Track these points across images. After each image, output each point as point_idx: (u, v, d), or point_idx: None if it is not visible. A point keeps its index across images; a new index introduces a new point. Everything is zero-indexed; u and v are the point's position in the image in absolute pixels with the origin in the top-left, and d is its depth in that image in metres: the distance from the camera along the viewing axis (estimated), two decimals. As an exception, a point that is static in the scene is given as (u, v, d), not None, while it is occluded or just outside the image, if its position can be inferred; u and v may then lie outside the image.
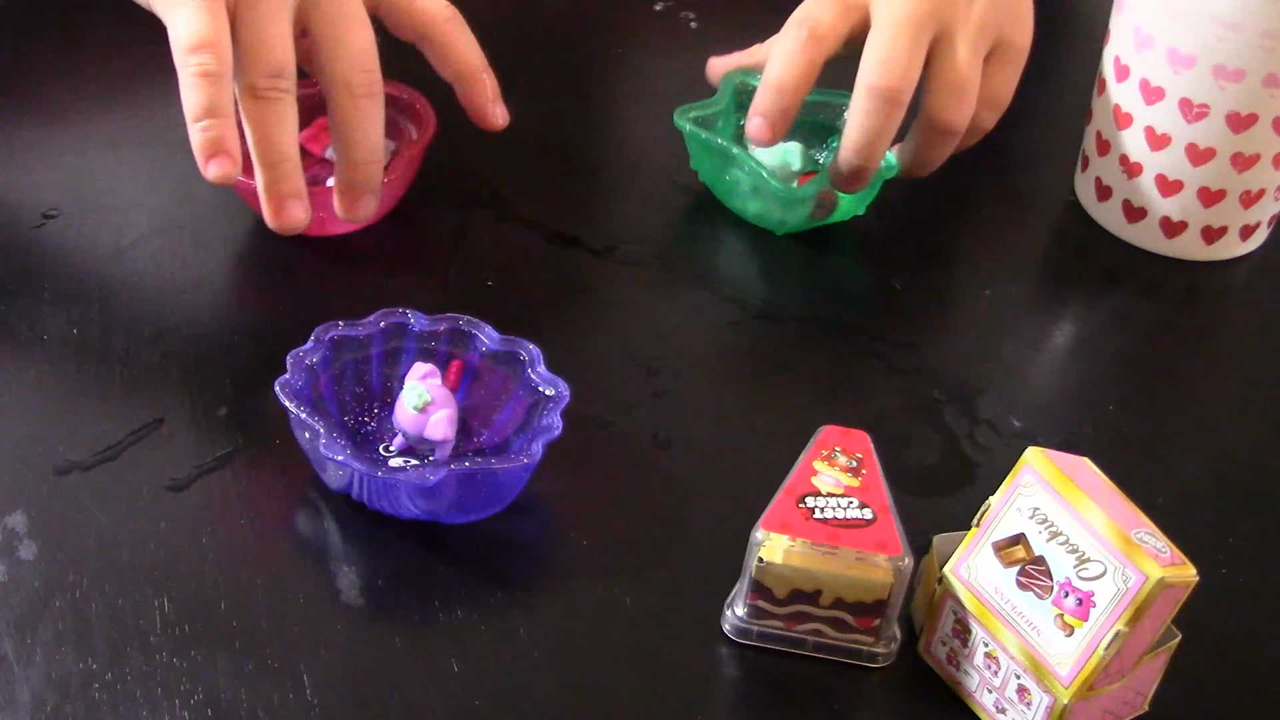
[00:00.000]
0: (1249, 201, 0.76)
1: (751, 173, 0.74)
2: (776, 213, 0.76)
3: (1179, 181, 0.75)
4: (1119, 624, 0.51)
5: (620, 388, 0.68)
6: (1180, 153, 0.75)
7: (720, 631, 0.58)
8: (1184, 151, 0.74)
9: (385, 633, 0.57)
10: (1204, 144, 0.74)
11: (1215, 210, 0.76)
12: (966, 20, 0.72)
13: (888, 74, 0.70)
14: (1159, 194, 0.76)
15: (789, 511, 0.56)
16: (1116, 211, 0.79)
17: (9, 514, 0.60)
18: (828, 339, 0.72)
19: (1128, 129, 0.76)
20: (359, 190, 0.68)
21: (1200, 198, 0.76)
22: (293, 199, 0.65)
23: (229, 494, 0.61)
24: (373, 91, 0.67)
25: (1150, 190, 0.77)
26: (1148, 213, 0.77)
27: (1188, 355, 0.76)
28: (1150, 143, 0.75)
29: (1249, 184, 0.75)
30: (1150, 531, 0.52)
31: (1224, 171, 0.75)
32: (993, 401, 0.69)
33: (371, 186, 0.68)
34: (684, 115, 0.76)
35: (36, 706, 0.53)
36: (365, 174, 0.67)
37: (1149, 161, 0.76)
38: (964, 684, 0.56)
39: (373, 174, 0.67)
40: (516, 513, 0.62)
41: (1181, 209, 0.76)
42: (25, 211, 0.76)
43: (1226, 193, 0.75)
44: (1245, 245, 0.79)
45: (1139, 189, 0.77)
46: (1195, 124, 0.73)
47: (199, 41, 0.62)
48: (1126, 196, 0.78)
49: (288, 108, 0.64)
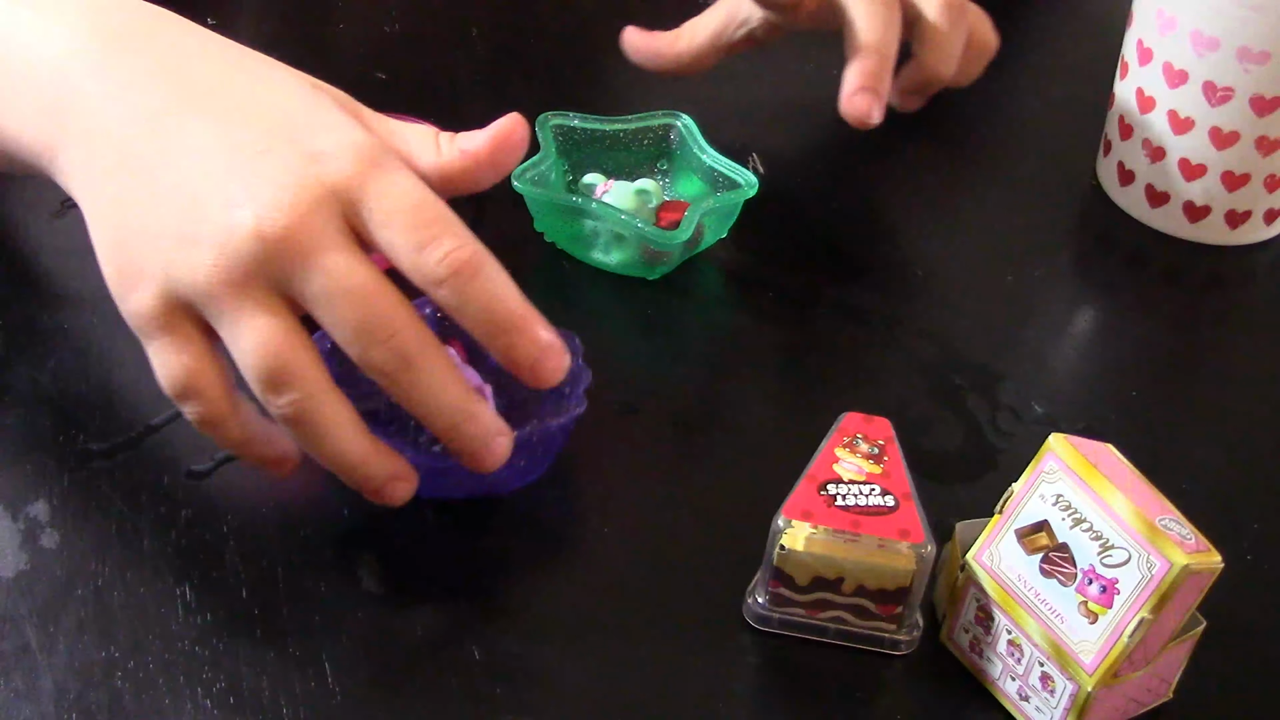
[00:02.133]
0: (1274, 185, 0.75)
1: (616, 224, 0.70)
2: (647, 258, 0.71)
3: (1202, 165, 0.75)
4: (1143, 611, 0.51)
5: (640, 374, 0.68)
6: (1204, 136, 0.74)
7: (741, 619, 0.57)
8: (1208, 135, 0.74)
9: (406, 620, 0.57)
10: (1228, 128, 0.73)
11: (1239, 194, 0.76)
12: None
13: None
14: (1182, 178, 0.76)
15: (811, 499, 0.55)
16: (1139, 196, 0.78)
17: (31, 503, 0.60)
18: (849, 325, 0.72)
19: (1150, 113, 0.76)
20: (472, 446, 0.54)
21: (1224, 182, 0.75)
22: (388, 484, 0.54)
23: (249, 483, 0.61)
24: (421, 352, 0.52)
25: (1174, 174, 0.76)
26: (1171, 197, 0.77)
27: (1212, 341, 0.76)
28: (1174, 126, 0.75)
29: (1274, 168, 0.75)
30: (1175, 518, 0.51)
31: (1248, 155, 0.74)
32: (1015, 388, 0.69)
33: (477, 440, 0.54)
34: (522, 178, 0.71)
35: (59, 695, 0.53)
36: (462, 435, 0.54)
37: (1172, 145, 0.75)
38: (987, 671, 0.56)
39: (467, 430, 0.53)
40: (537, 499, 0.62)
41: (1205, 193, 0.76)
42: (45, 199, 0.76)
43: (1250, 177, 0.75)
44: (1270, 229, 0.78)
45: (1162, 173, 0.77)
46: (1219, 107, 0.73)
47: (177, 390, 0.53)
48: (1149, 181, 0.77)
49: (324, 411, 0.52)
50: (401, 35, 0.90)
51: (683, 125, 0.76)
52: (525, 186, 0.71)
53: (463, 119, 0.77)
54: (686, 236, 0.69)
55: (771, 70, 0.89)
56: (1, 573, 0.57)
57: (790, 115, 0.85)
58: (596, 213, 0.71)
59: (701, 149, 0.75)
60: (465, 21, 0.90)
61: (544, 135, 0.74)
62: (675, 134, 0.76)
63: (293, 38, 0.90)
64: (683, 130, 0.76)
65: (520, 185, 0.71)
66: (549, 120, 0.75)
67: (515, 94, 0.84)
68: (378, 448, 0.53)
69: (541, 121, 0.75)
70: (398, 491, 0.54)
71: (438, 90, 0.85)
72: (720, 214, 0.72)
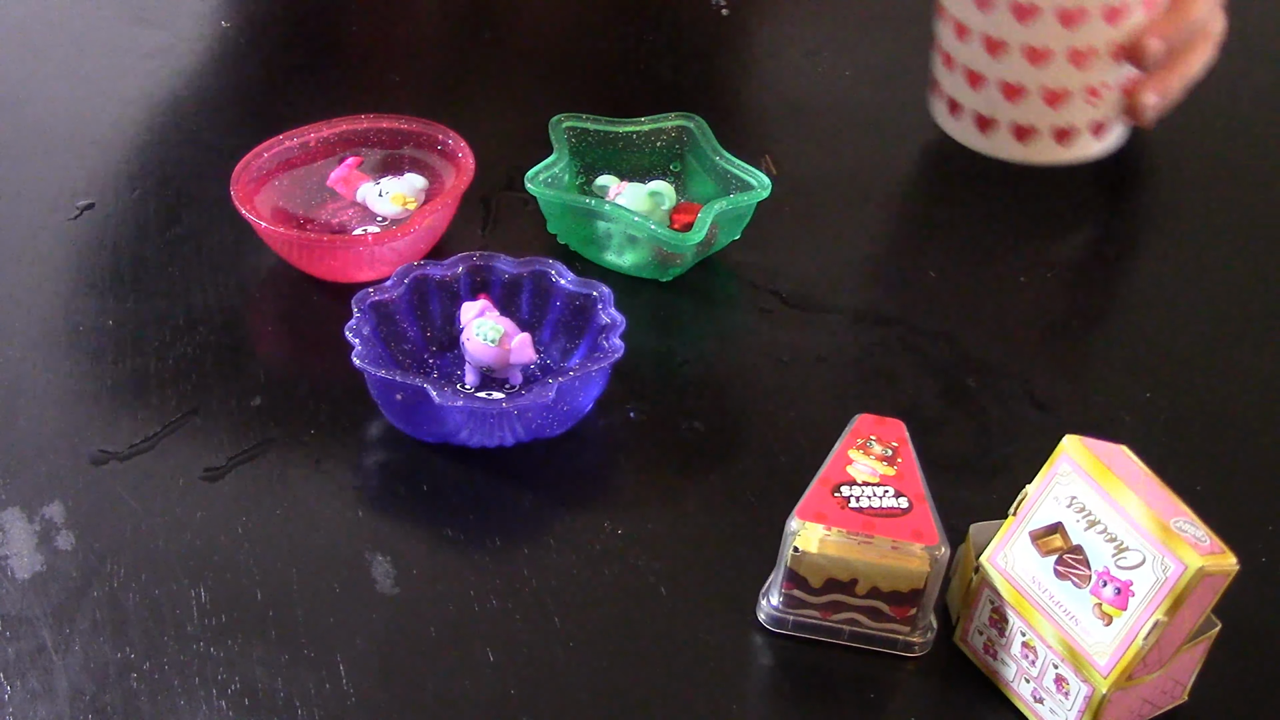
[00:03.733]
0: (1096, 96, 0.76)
1: (629, 226, 0.70)
2: (659, 260, 0.72)
3: (1021, 86, 0.76)
4: (1158, 613, 0.50)
5: (653, 375, 0.68)
6: (1019, 56, 0.75)
7: (755, 621, 0.57)
8: (1021, 54, 0.75)
9: (420, 622, 0.57)
10: (1040, 44, 0.74)
11: (1062, 111, 0.77)
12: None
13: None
14: (1005, 101, 0.77)
15: (824, 501, 0.55)
16: (969, 124, 0.79)
17: (46, 504, 0.60)
18: (862, 327, 0.72)
19: (966, 40, 0.76)
20: None
21: (1045, 100, 0.76)
22: None
23: (264, 484, 0.62)
24: None
25: (996, 98, 0.77)
26: (998, 122, 0.78)
27: (1228, 345, 0.76)
28: (989, 50, 0.75)
29: (1090, 80, 0.76)
30: (1189, 520, 0.51)
31: (1064, 70, 0.75)
32: (1029, 389, 0.69)
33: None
34: (535, 180, 0.72)
35: (74, 695, 0.53)
36: None
37: (990, 69, 0.76)
38: (1001, 673, 0.56)
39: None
40: (550, 501, 0.62)
41: (1027, 113, 0.77)
42: (61, 203, 0.76)
43: (1070, 91, 0.76)
44: (1100, 143, 0.79)
45: (986, 99, 0.77)
46: (1028, 25, 0.74)
47: None
48: (976, 109, 0.78)
49: None
50: (415, 38, 0.90)
51: (696, 127, 0.76)
52: (538, 189, 0.71)
53: (476, 121, 0.78)
54: (699, 238, 0.69)
55: (784, 72, 0.89)
56: (17, 574, 0.57)
57: (803, 117, 0.85)
58: (609, 215, 0.71)
59: (715, 151, 0.75)
60: (479, 24, 0.90)
61: (557, 137, 0.74)
62: (688, 136, 0.76)
63: (307, 41, 0.90)
64: (696, 132, 0.76)
65: (533, 187, 0.71)
66: (562, 122, 0.75)
67: (529, 96, 0.84)
68: None
69: (555, 123, 0.75)
70: None
71: (451, 92, 0.85)
72: (733, 216, 0.72)
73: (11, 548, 0.58)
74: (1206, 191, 0.83)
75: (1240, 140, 0.87)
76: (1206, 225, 0.82)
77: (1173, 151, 0.84)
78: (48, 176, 0.78)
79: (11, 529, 0.59)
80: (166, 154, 0.80)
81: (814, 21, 0.92)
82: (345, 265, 0.70)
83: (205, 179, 0.77)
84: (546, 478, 0.63)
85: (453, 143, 0.74)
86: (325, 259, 0.70)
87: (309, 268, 0.71)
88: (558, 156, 0.73)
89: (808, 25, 0.90)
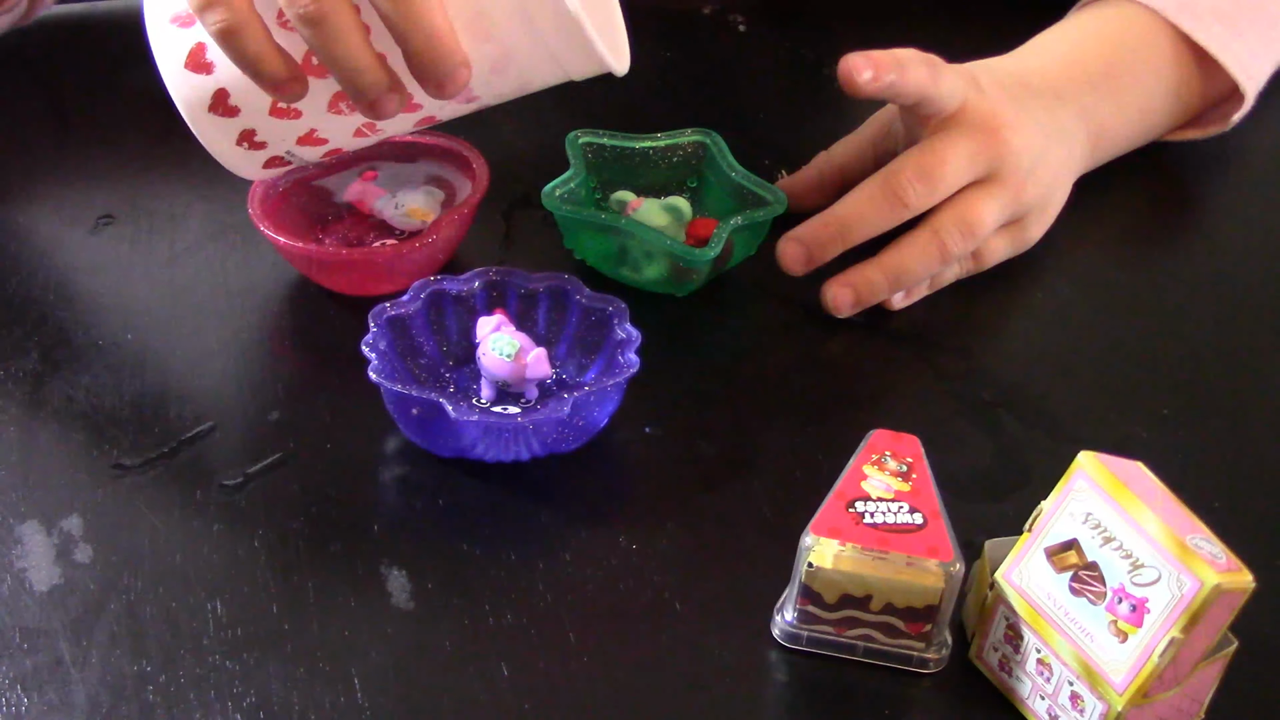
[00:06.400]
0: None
1: (646, 241, 0.70)
2: (676, 275, 0.72)
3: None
4: (1174, 631, 0.50)
5: (669, 390, 0.68)
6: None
7: (770, 637, 0.57)
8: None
9: (436, 636, 0.57)
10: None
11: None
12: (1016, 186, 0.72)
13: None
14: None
15: (839, 516, 0.55)
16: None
17: (65, 517, 0.60)
18: (878, 342, 0.72)
19: None
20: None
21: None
22: (384, 97, 0.59)
23: (280, 498, 0.62)
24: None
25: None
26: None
27: (1246, 362, 0.75)
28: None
29: None
30: (1205, 537, 0.51)
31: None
32: (1044, 405, 0.69)
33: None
34: (551, 198, 0.71)
35: (92, 708, 0.54)
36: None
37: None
38: (1016, 690, 0.56)
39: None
40: (565, 516, 0.62)
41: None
42: (81, 217, 0.76)
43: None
44: None
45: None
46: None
47: (200, 1, 0.57)
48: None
49: (340, 17, 0.57)
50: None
51: (712, 143, 0.76)
52: (555, 204, 0.72)
53: (494, 137, 0.78)
54: (715, 253, 0.69)
55: (800, 89, 0.89)
56: (35, 586, 0.58)
57: (819, 133, 0.85)
58: (626, 230, 0.71)
59: (731, 166, 0.75)
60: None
61: (574, 153, 0.75)
62: (704, 151, 0.77)
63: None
64: (712, 148, 0.76)
65: (550, 203, 0.72)
66: (579, 138, 0.75)
67: (545, 111, 0.84)
68: (381, 61, 0.58)
69: (571, 139, 0.75)
70: (390, 106, 0.60)
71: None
72: (749, 231, 0.72)
73: (30, 560, 0.59)
74: (1226, 208, 0.83)
75: (1261, 158, 0.87)
76: (1225, 242, 0.82)
77: (1192, 167, 0.84)
78: (68, 190, 0.78)
79: (30, 542, 0.59)
80: (185, 169, 0.80)
81: (830, 38, 0.92)
82: (362, 279, 0.71)
83: (223, 194, 0.77)
84: (562, 493, 0.63)
85: (468, 155, 0.74)
86: (342, 273, 0.71)
87: (326, 282, 0.72)
88: (574, 172, 0.74)
89: (824, 42, 0.90)
